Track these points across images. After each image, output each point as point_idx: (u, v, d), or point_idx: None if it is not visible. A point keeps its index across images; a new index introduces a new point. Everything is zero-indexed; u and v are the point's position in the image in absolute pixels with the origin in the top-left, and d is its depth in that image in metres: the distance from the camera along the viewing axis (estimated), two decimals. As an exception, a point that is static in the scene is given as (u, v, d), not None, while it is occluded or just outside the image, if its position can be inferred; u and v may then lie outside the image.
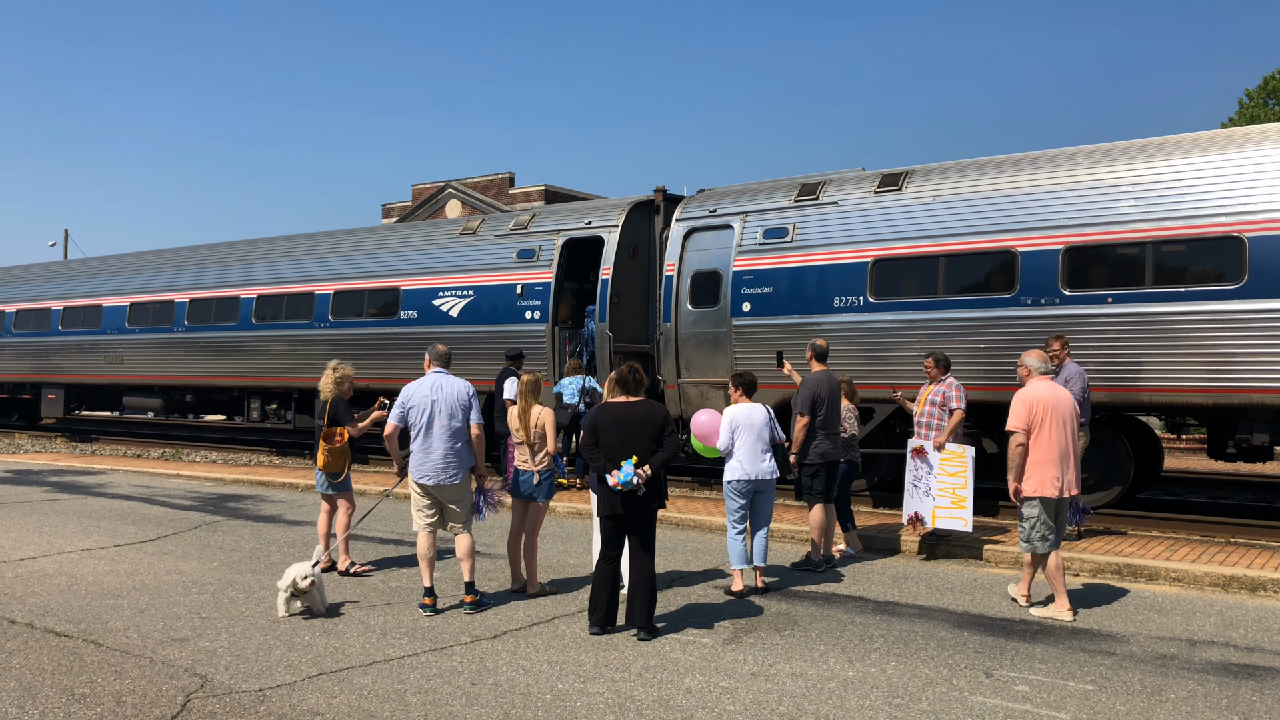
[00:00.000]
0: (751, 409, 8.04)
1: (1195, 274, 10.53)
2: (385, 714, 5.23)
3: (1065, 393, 7.67)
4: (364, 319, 17.69)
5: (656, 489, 6.84)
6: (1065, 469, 7.44)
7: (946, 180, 12.28)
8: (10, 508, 12.49)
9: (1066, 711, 5.34)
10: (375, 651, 6.37)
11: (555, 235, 15.58)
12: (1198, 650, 6.53)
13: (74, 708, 5.27)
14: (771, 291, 13.12)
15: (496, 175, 41.30)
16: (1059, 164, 11.58)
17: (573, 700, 5.46)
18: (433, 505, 7.60)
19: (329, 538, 9.05)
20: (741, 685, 5.74)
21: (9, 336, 24.68)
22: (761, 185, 14.11)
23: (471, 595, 7.49)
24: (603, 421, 6.93)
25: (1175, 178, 10.70)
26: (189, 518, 11.92)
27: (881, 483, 13.22)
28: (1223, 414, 10.85)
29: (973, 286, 11.78)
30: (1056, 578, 7.48)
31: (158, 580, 8.40)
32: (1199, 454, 19.93)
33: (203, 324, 20.26)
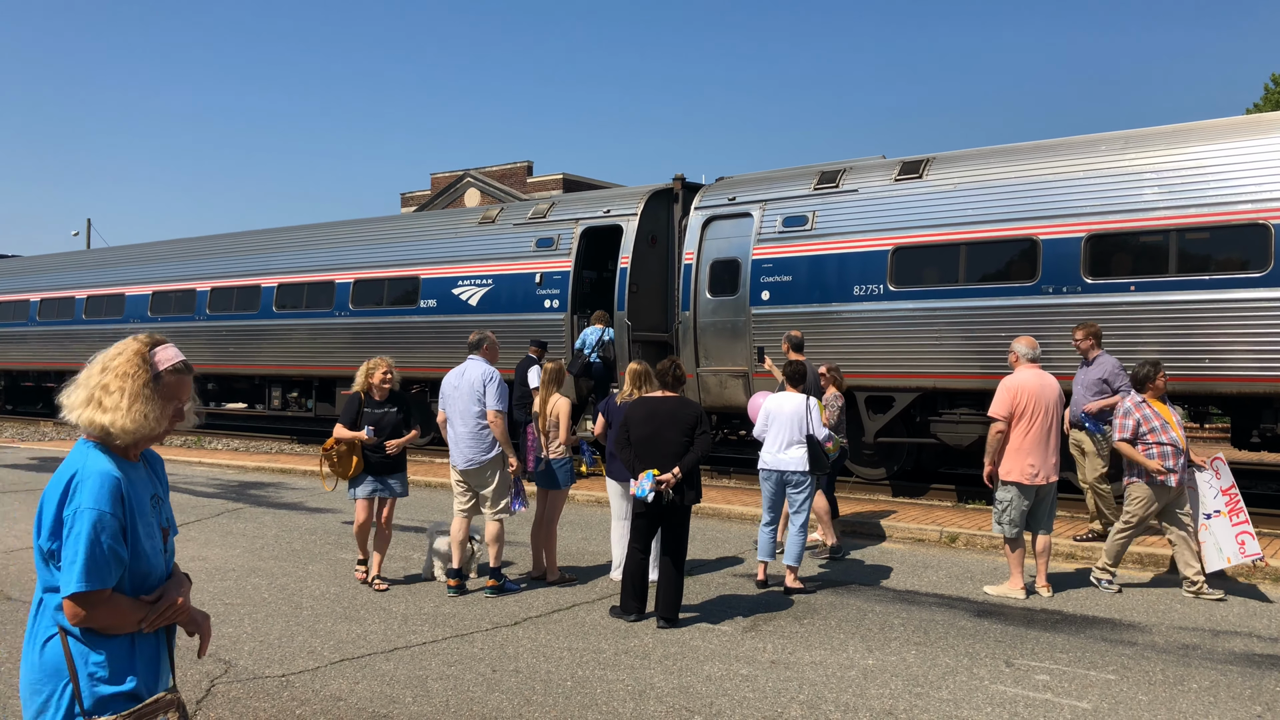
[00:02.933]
0: (786, 398, 7.98)
1: (1220, 262, 10.42)
2: (407, 700, 5.27)
3: (1052, 381, 7.73)
4: (384, 308, 17.75)
5: (689, 486, 6.83)
6: (1043, 457, 7.60)
7: (967, 168, 12.19)
8: (36, 495, 12.61)
9: (1088, 701, 5.33)
10: (397, 638, 6.42)
11: (574, 224, 15.58)
12: (1220, 640, 6.50)
13: (101, 692, 5.33)
14: (791, 280, 13.08)
15: (515, 164, 41.31)
16: (1081, 151, 11.47)
17: (593, 687, 5.48)
18: (467, 490, 7.70)
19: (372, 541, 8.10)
20: (761, 673, 5.75)
21: (34, 325, 24.91)
22: (781, 173, 14.05)
23: (493, 580, 7.57)
24: (633, 416, 6.94)
25: (1200, 164, 10.58)
26: (211, 505, 12.02)
27: (901, 471, 13.19)
28: (1247, 403, 10.75)
29: (994, 275, 11.70)
30: (1018, 561, 7.72)
31: (181, 567, 8.47)
32: (1222, 443, 19.76)
33: (224, 313, 20.40)
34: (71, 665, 2.55)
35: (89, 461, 2.63)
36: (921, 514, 10.87)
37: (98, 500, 2.55)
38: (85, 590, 2.50)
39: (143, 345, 2.78)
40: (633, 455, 6.83)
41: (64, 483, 2.59)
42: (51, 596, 2.60)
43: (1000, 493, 7.72)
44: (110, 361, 2.72)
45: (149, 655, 2.67)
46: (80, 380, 2.71)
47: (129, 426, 2.63)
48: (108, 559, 2.54)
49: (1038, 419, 7.55)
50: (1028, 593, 7.61)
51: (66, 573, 2.52)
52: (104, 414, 2.63)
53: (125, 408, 2.64)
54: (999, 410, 7.64)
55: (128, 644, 2.62)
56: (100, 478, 2.58)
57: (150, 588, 2.68)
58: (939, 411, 12.23)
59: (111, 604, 2.56)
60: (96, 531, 2.52)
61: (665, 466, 6.72)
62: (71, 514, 2.54)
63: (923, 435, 12.58)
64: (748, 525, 10.78)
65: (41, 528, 2.60)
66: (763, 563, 7.95)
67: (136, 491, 2.67)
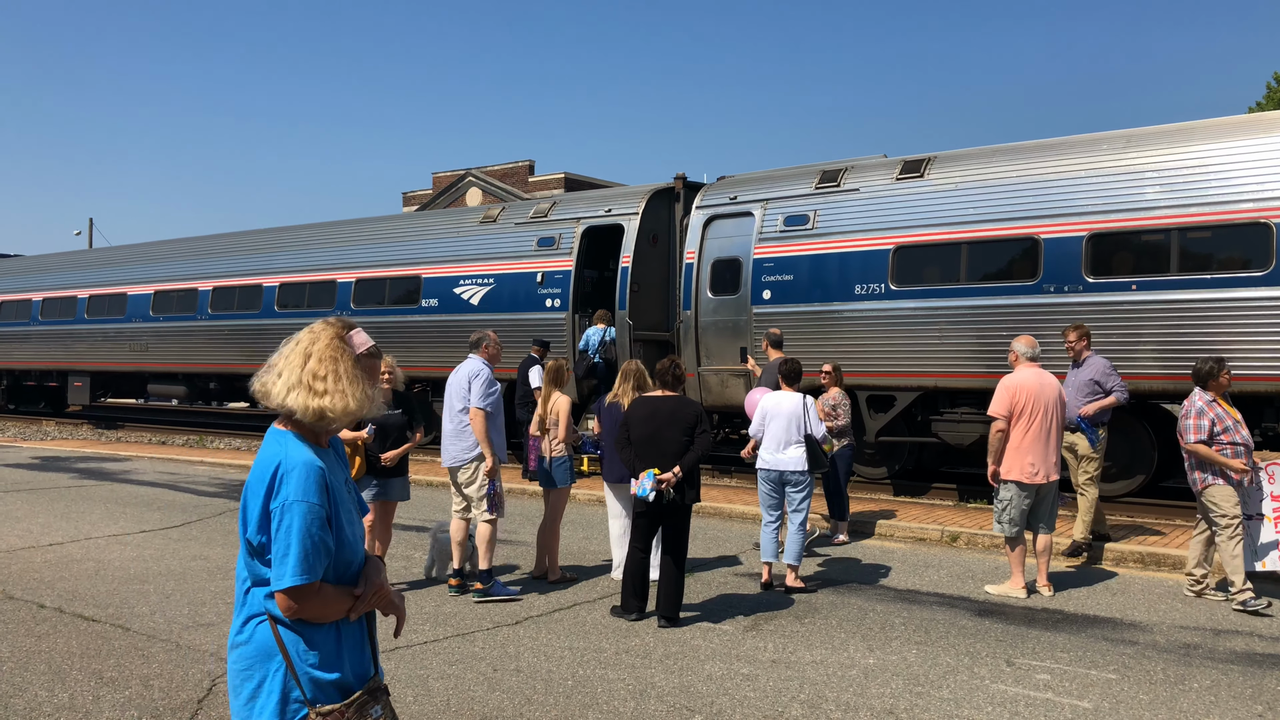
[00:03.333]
0: (783, 397, 7.97)
1: (1222, 261, 10.41)
2: (408, 699, 5.28)
3: (1052, 380, 7.72)
4: (386, 307, 17.77)
5: (689, 485, 6.84)
6: (1043, 456, 7.60)
7: (969, 167, 12.19)
8: (39, 494, 12.65)
9: (1089, 700, 5.33)
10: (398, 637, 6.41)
11: (575, 223, 15.58)
12: (1222, 640, 6.49)
13: (102, 691, 5.34)
14: (792, 279, 13.08)
15: (516, 163, 41.31)
16: (1083, 150, 11.47)
17: (594, 686, 5.49)
18: (459, 490, 7.67)
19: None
20: (762, 672, 5.76)
21: (36, 325, 24.94)
22: (782, 172, 14.05)
23: (479, 583, 7.50)
24: (634, 416, 6.95)
25: (1202, 163, 10.57)
26: (213, 504, 12.03)
27: (902, 471, 13.18)
28: (1249, 402, 10.73)
29: (995, 274, 11.69)
30: (1018, 560, 7.71)
31: (183, 566, 8.49)
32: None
33: (226, 312, 20.41)
34: (284, 650, 2.55)
35: (291, 451, 2.61)
36: (923, 513, 10.87)
37: (305, 492, 2.54)
38: (299, 584, 2.49)
39: (339, 329, 2.78)
40: (633, 454, 6.84)
41: (268, 475, 2.58)
42: (260, 589, 2.59)
43: (1001, 492, 7.73)
44: (312, 346, 2.72)
45: (355, 642, 2.66)
46: (279, 367, 2.71)
47: (349, 407, 2.65)
48: (318, 551, 2.53)
49: (1037, 418, 7.57)
50: (1029, 592, 7.61)
51: (279, 567, 2.51)
52: (318, 398, 2.63)
53: (341, 389, 2.65)
54: (998, 409, 7.66)
55: (334, 632, 2.61)
56: (305, 468, 2.57)
57: (353, 575, 2.67)
58: (940, 411, 12.23)
59: (321, 595, 2.55)
60: (307, 524, 2.52)
61: (666, 466, 6.72)
62: (280, 507, 2.53)
63: (924, 434, 12.57)
64: (749, 524, 10.78)
65: (248, 521, 2.58)
66: (766, 564, 7.93)
67: (335, 479, 2.66)
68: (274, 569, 2.52)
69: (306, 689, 2.54)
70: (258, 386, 2.72)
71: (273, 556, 2.53)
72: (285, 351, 2.75)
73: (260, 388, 2.71)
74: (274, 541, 2.53)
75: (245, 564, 2.63)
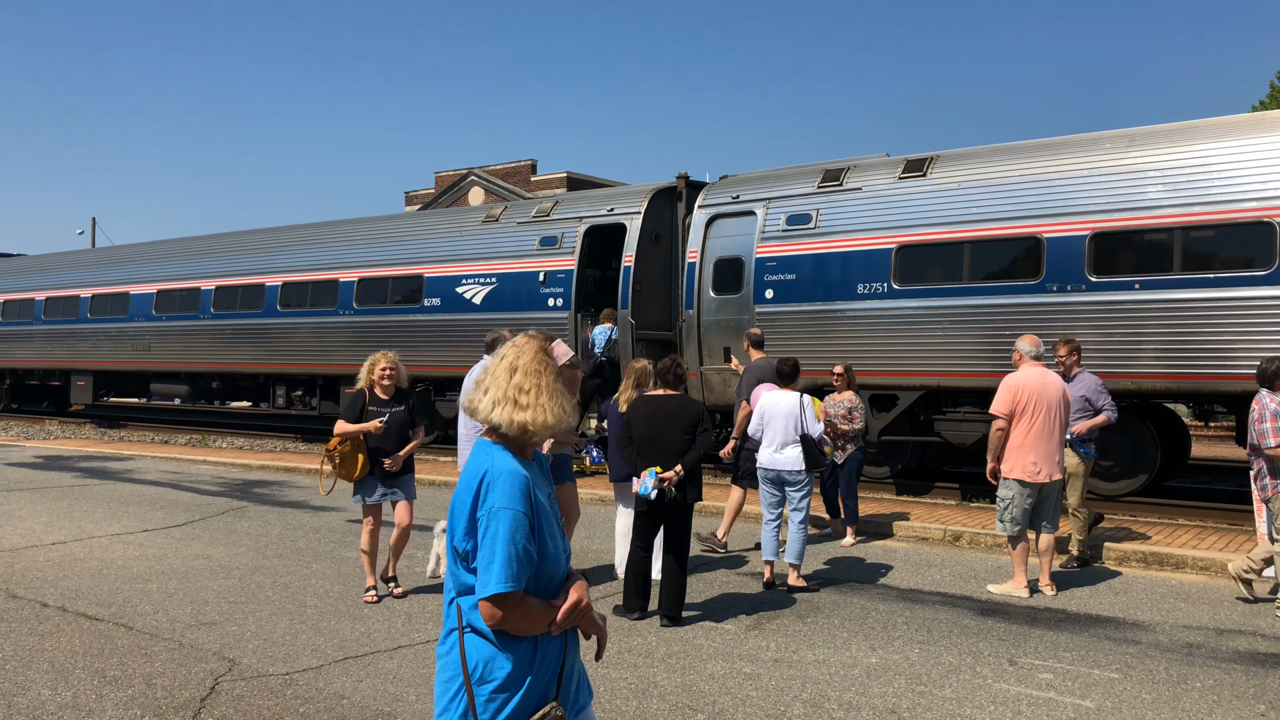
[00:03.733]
0: (780, 397, 7.97)
1: (1224, 260, 10.40)
2: (410, 698, 5.28)
3: (1055, 379, 7.71)
4: (388, 306, 17.78)
5: (691, 484, 6.83)
6: (1045, 455, 7.56)
7: (971, 166, 12.18)
8: (41, 493, 12.67)
9: (1091, 700, 5.32)
10: (401, 636, 6.43)
11: (578, 222, 15.59)
12: (1225, 639, 6.49)
13: (105, 689, 5.35)
14: (795, 278, 13.08)
15: (519, 162, 41.30)
16: (1085, 149, 11.46)
17: (596, 685, 5.48)
18: None
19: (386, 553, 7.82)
20: (764, 671, 5.76)
21: (39, 324, 24.97)
22: (785, 171, 14.05)
23: None
24: (635, 415, 6.95)
25: (1204, 162, 10.56)
26: (216, 503, 12.05)
27: (905, 470, 13.18)
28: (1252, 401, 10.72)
29: (998, 273, 11.69)
30: (1020, 559, 7.69)
31: (186, 565, 8.50)
32: (1227, 441, 19.73)
33: (229, 311, 20.43)
34: (465, 665, 2.57)
35: (496, 460, 2.64)
36: (925, 512, 10.87)
37: (511, 499, 2.56)
38: (503, 592, 2.49)
39: (543, 342, 2.84)
40: (635, 453, 6.84)
41: (475, 483, 2.61)
42: (466, 599, 2.61)
43: (1002, 491, 7.72)
44: (518, 360, 2.76)
45: (552, 659, 2.65)
46: (487, 383, 2.75)
47: (549, 421, 2.68)
48: (522, 559, 2.53)
49: (1039, 417, 7.56)
50: (1031, 591, 7.60)
51: (484, 574, 2.52)
52: (521, 411, 2.67)
53: (543, 404, 2.69)
54: (1000, 408, 7.66)
55: (531, 647, 2.60)
56: (510, 476, 2.60)
57: (555, 589, 2.66)
58: (943, 410, 12.22)
59: (524, 606, 2.55)
60: (512, 531, 2.53)
61: (667, 465, 6.73)
62: (486, 514, 2.56)
63: (927, 434, 12.57)
64: (751, 524, 10.78)
65: (456, 528, 2.62)
66: (768, 563, 7.93)
67: (538, 491, 2.68)
68: (479, 576, 2.54)
69: (493, 707, 2.56)
70: (467, 404, 2.79)
71: (478, 564, 2.55)
72: (492, 367, 2.80)
73: (469, 405, 2.78)
74: (480, 549, 2.55)
75: (450, 571, 2.67)
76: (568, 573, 2.74)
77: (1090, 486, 11.56)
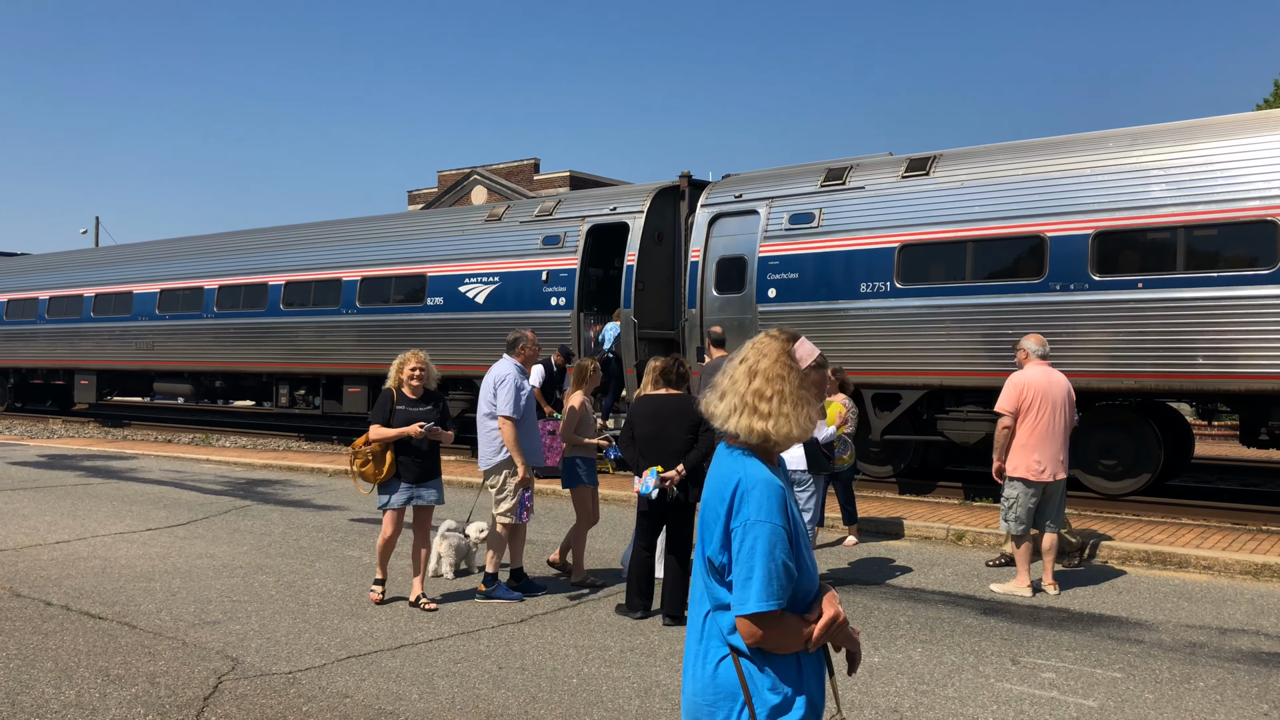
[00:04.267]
0: None
1: (1228, 259, 10.39)
2: (413, 697, 5.28)
3: (1060, 379, 7.72)
4: (391, 305, 17.79)
5: (693, 483, 6.83)
6: (1051, 454, 7.56)
7: (974, 165, 12.17)
8: (45, 492, 12.69)
9: (1094, 699, 5.32)
10: (403, 635, 6.43)
11: (580, 221, 15.59)
12: (1228, 638, 6.48)
13: (109, 688, 5.36)
14: (797, 277, 13.08)
15: (522, 161, 41.31)
16: (1089, 148, 11.45)
17: (599, 684, 5.49)
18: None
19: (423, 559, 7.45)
20: (767, 671, 5.75)
21: (42, 323, 25.02)
22: (787, 170, 14.04)
23: (483, 585, 7.45)
24: (637, 414, 6.95)
25: (1208, 161, 10.55)
26: (219, 502, 12.06)
27: (908, 469, 13.17)
28: (1255, 400, 10.72)
29: (1001, 272, 11.68)
30: (1024, 558, 7.68)
31: (189, 564, 8.51)
32: (1230, 441, 19.70)
33: (232, 310, 20.46)
34: (745, 688, 2.41)
35: (749, 469, 2.47)
36: (928, 511, 10.86)
37: (769, 512, 2.40)
38: (762, 610, 2.34)
39: (785, 342, 2.62)
40: (636, 452, 6.84)
41: (728, 492, 2.45)
42: (721, 615, 2.46)
43: (1007, 489, 7.72)
44: (759, 364, 2.57)
45: (816, 675, 2.50)
46: (724, 387, 2.59)
47: (793, 433, 2.50)
48: (781, 575, 2.37)
49: (1044, 415, 7.55)
50: (1034, 590, 7.60)
51: (741, 591, 2.37)
52: (761, 420, 2.49)
53: (786, 413, 2.50)
54: (1005, 406, 7.65)
55: (794, 664, 2.46)
56: (766, 487, 2.42)
57: (810, 604, 2.49)
58: (946, 409, 12.21)
59: (783, 623, 2.40)
60: (771, 546, 2.37)
61: (669, 464, 6.73)
62: (741, 527, 2.40)
63: (930, 433, 12.56)
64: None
65: (708, 539, 2.47)
66: None
67: (791, 499, 2.50)
68: (735, 593, 2.39)
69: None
70: (704, 408, 2.61)
71: (734, 580, 2.40)
72: (730, 370, 2.62)
73: (706, 409, 2.62)
74: (735, 564, 2.40)
75: (704, 584, 2.51)
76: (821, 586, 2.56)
77: (1093, 486, 11.58)
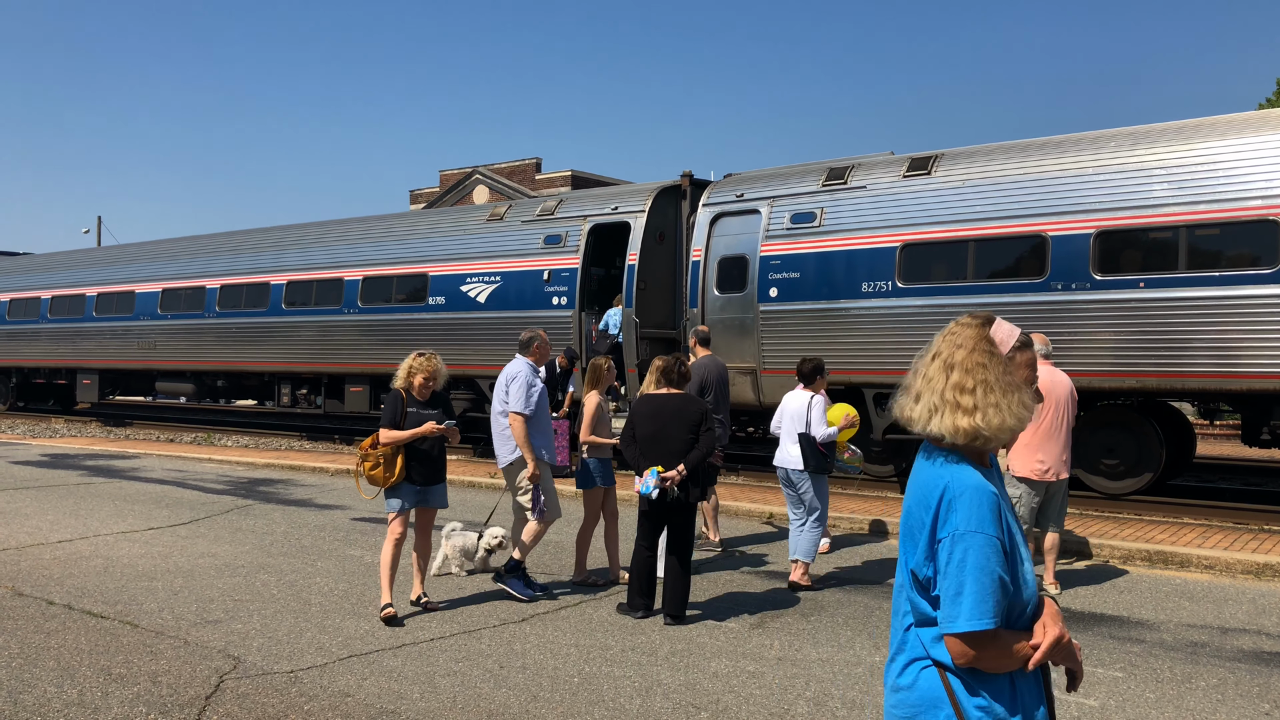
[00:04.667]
0: (791, 396, 8.02)
1: (1230, 258, 10.38)
2: (414, 696, 5.29)
3: (1063, 378, 7.73)
4: (393, 305, 17.80)
5: (693, 483, 6.84)
6: (1054, 454, 7.59)
7: (976, 164, 12.17)
8: (47, 491, 12.70)
9: (1095, 699, 5.32)
10: (405, 634, 6.44)
11: (582, 221, 15.59)
12: (1229, 638, 6.48)
13: (111, 687, 5.37)
14: (799, 277, 13.08)
15: (523, 161, 41.34)
16: (1090, 147, 11.44)
17: (600, 683, 5.50)
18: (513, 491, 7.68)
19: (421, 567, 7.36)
20: (768, 670, 5.76)
21: (44, 322, 25.04)
22: (789, 170, 14.04)
23: (508, 571, 7.45)
24: (638, 413, 6.96)
25: (1210, 160, 10.54)
26: (221, 501, 12.07)
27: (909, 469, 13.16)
28: (1257, 400, 10.71)
29: (1003, 271, 11.68)
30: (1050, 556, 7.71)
31: (191, 563, 8.52)
32: (1232, 440, 19.69)
33: (234, 310, 20.47)
34: (955, 702, 2.23)
35: (956, 474, 2.26)
36: (929, 511, 10.84)
37: (980, 521, 2.19)
38: (974, 629, 2.14)
39: (980, 327, 2.41)
40: (637, 452, 6.85)
41: (934, 500, 2.26)
42: (925, 630, 2.29)
43: (1009, 489, 7.71)
44: (954, 356, 2.35)
45: (1032, 696, 2.30)
46: (918, 387, 2.38)
47: (1006, 423, 2.26)
48: (996, 591, 2.17)
49: (1048, 415, 7.54)
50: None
51: (951, 607, 2.17)
52: (966, 416, 2.27)
53: (994, 402, 2.27)
54: None
55: (1008, 684, 2.26)
56: (976, 493, 2.22)
57: (1028, 619, 2.28)
58: (947, 408, 12.20)
59: (998, 642, 2.18)
60: (983, 558, 2.17)
61: (670, 464, 6.73)
62: (950, 537, 2.20)
63: (931, 432, 12.54)
64: (755, 522, 10.78)
65: (913, 549, 2.30)
66: (795, 562, 7.89)
67: (1006, 505, 2.29)
68: (944, 609, 2.20)
69: None
70: (898, 413, 2.40)
71: (941, 594, 2.21)
72: (920, 368, 2.41)
73: (901, 414, 2.40)
74: (943, 577, 2.20)
75: (907, 596, 2.35)
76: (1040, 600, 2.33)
77: (1095, 485, 11.58)
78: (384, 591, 6.83)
